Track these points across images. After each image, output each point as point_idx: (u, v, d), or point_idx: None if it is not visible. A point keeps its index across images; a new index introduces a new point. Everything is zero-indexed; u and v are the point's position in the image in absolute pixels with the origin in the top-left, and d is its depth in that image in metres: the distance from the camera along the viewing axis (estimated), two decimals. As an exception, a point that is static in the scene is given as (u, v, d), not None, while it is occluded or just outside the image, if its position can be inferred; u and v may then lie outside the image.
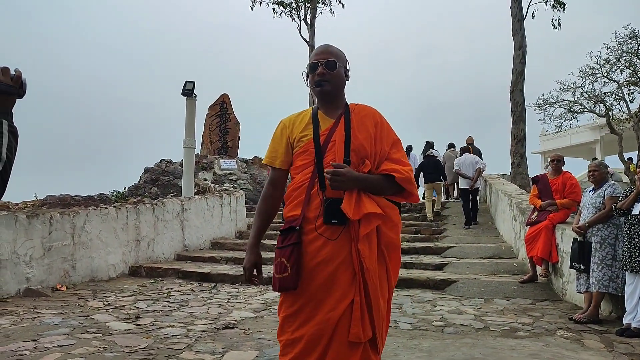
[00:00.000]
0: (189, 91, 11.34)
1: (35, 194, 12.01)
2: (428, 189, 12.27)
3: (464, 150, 12.41)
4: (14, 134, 1.48)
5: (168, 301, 6.15)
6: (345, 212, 1.99)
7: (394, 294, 6.34)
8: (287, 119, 2.28)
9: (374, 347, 2.08)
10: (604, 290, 4.93)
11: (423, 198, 12.41)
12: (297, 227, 2.07)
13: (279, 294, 2.14)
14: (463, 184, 11.59)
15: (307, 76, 2.24)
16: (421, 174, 12.40)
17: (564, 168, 6.87)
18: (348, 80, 2.27)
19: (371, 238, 2.05)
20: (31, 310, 5.58)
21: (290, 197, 2.17)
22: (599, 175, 5.37)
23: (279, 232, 2.15)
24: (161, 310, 5.58)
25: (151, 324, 4.91)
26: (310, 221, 2.07)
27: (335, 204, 2.02)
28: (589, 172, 5.55)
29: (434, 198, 12.42)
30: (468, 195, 11.39)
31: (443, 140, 32.48)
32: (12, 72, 1.54)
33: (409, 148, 15.96)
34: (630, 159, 20.93)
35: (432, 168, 12.17)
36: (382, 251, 2.10)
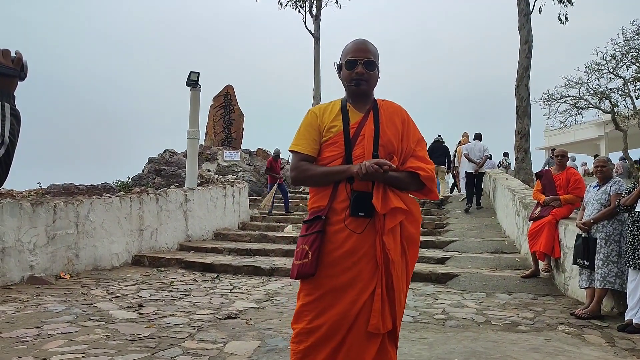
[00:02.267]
0: (193, 82, 11.34)
1: (39, 183, 12.08)
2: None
3: (476, 137, 12.97)
4: (16, 117, 1.47)
5: (171, 291, 6.18)
6: (375, 206, 2.03)
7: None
8: (317, 107, 2.28)
9: (392, 340, 2.11)
10: (610, 287, 4.93)
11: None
12: (322, 217, 2.09)
13: (287, 284, 2.16)
14: (469, 167, 12.06)
15: (340, 68, 2.23)
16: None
17: (571, 164, 6.84)
18: (379, 78, 2.27)
19: (395, 231, 2.09)
20: (35, 297, 5.61)
21: (317, 189, 2.19)
22: (607, 171, 5.35)
23: (302, 222, 2.18)
24: (164, 300, 5.61)
25: (154, 313, 4.94)
26: (336, 212, 2.10)
27: (363, 197, 2.05)
28: (596, 167, 5.53)
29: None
30: (473, 179, 11.91)
31: (447, 134, 32.38)
32: (13, 54, 1.52)
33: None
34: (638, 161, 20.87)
35: (439, 152, 13.09)
36: (402, 245, 2.13)
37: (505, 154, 18.92)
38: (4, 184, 1.48)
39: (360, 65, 2.15)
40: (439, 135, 14.20)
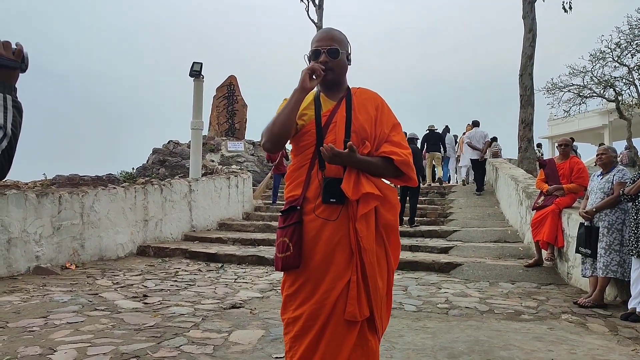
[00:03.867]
0: (196, 72, 11.30)
1: (44, 174, 12.12)
2: (429, 158, 14.41)
3: (474, 124, 13.71)
4: (18, 109, 1.47)
5: (175, 280, 6.22)
6: (344, 191, 2.01)
7: (399, 277, 6.41)
8: None
9: (372, 328, 2.10)
10: (612, 276, 4.93)
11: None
12: (297, 207, 2.09)
13: (283, 274, 2.17)
14: (473, 155, 13.05)
15: (310, 61, 2.23)
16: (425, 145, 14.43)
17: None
18: (350, 65, 2.27)
19: (369, 218, 2.07)
20: (41, 287, 5.66)
21: (291, 178, 2.19)
22: (606, 159, 5.34)
23: (280, 214, 2.17)
24: (169, 290, 5.64)
25: (159, 303, 4.97)
26: (310, 201, 2.09)
27: (334, 183, 2.05)
28: (597, 155, 5.53)
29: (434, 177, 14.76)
30: (479, 165, 12.95)
31: (451, 123, 32.44)
32: (13, 46, 1.51)
33: (446, 130, 16.84)
34: None
35: (434, 140, 14.18)
36: (380, 232, 2.12)
37: (494, 139, 19.00)
38: (7, 176, 1.49)
39: (323, 54, 2.14)
40: (432, 125, 15.07)
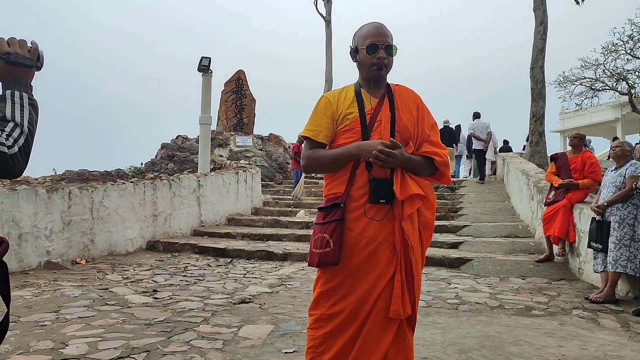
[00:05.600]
0: (205, 67, 11.31)
1: (54, 169, 12.20)
2: None
3: (476, 115, 14.10)
4: (34, 107, 1.49)
5: (185, 275, 6.24)
6: (395, 193, 2.03)
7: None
8: (331, 94, 2.25)
9: (410, 324, 2.13)
10: (622, 271, 4.88)
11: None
12: (341, 205, 2.09)
13: (300, 268, 2.17)
14: (477, 145, 13.58)
15: (356, 52, 2.20)
16: None
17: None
18: None
19: (413, 217, 2.10)
20: (52, 282, 5.70)
21: (333, 176, 2.18)
22: (620, 152, 5.27)
23: (318, 209, 2.18)
24: (178, 285, 5.66)
25: (169, 298, 4.99)
26: (354, 199, 2.09)
27: (382, 183, 2.05)
28: (611, 148, 5.47)
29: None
30: (482, 155, 13.67)
31: (461, 117, 32.30)
32: (29, 44, 1.53)
33: (458, 128, 17.35)
34: None
35: (447, 136, 14.83)
36: (419, 230, 2.14)
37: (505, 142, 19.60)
38: (24, 172, 1.50)
39: (382, 50, 2.13)
40: (447, 120, 15.81)
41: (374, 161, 2.00)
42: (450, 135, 15.12)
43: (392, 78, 2.27)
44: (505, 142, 19.33)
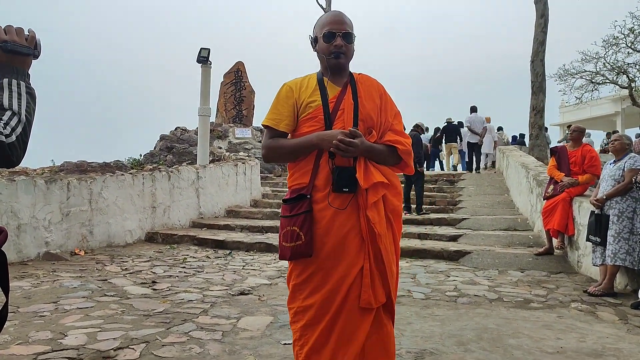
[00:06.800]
0: (204, 58, 11.25)
1: (52, 160, 12.16)
2: (447, 147, 17.38)
3: (473, 109, 14.87)
4: (31, 95, 1.49)
5: (184, 267, 6.24)
6: (359, 181, 2.01)
7: (407, 264, 6.40)
8: (292, 82, 2.22)
9: (387, 312, 2.11)
10: (620, 264, 4.89)
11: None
12: (307, 195, 2.07)
13: (289, 263, 2.15)
14: (473, 138, 14.35)
15: (316, 41, 2.20)
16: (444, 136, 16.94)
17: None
18: (354, 52, 2.25)
19: (379, 205, 2.08)
20: (51, 273, 5.70)
21: (296, 166, 2.16)
22: (619, 145, 5.27)
23: (282, 201, 2.15)
24: (177, 276, 5.67)
25: (167, 289, 5.00)
26: (319, 189, 2.07)
27: (345, 172, 2.03)
28: (610, 141, 5.46)
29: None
30: (478, 147, 14.55)
31: (460, 112, 32.26)
32: (26, 32, 1.52)
33: (460, 124, 18.00)
34: None
35: (451, 132, 16.32)
36: (388, 217, 2.12)
37: (499, 129, 19.84)
38: (21, 162, 1.49)
39: (339, 38, 2.12)
40: (449, 118, 16.79)
41: (335, 151, 1.98)
42: (454, 131, 16.29)
43: (389, 67, 2.27)
44: (522, 135, 19.50)
